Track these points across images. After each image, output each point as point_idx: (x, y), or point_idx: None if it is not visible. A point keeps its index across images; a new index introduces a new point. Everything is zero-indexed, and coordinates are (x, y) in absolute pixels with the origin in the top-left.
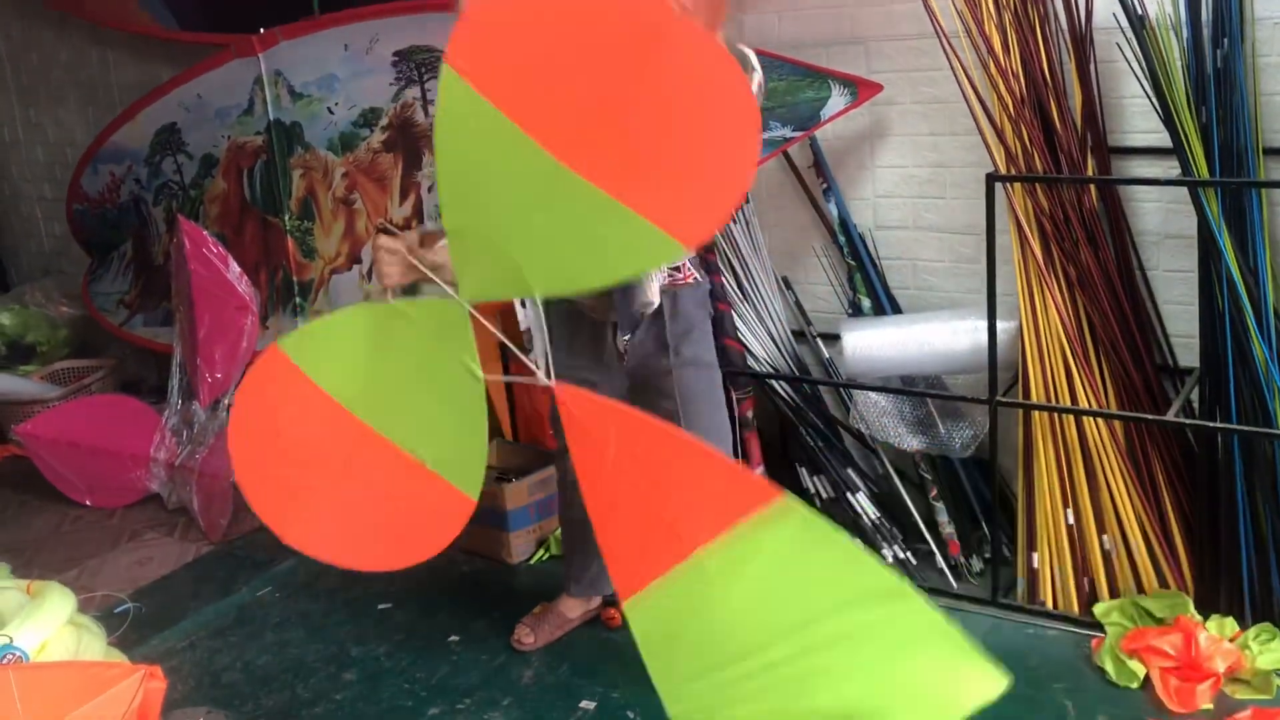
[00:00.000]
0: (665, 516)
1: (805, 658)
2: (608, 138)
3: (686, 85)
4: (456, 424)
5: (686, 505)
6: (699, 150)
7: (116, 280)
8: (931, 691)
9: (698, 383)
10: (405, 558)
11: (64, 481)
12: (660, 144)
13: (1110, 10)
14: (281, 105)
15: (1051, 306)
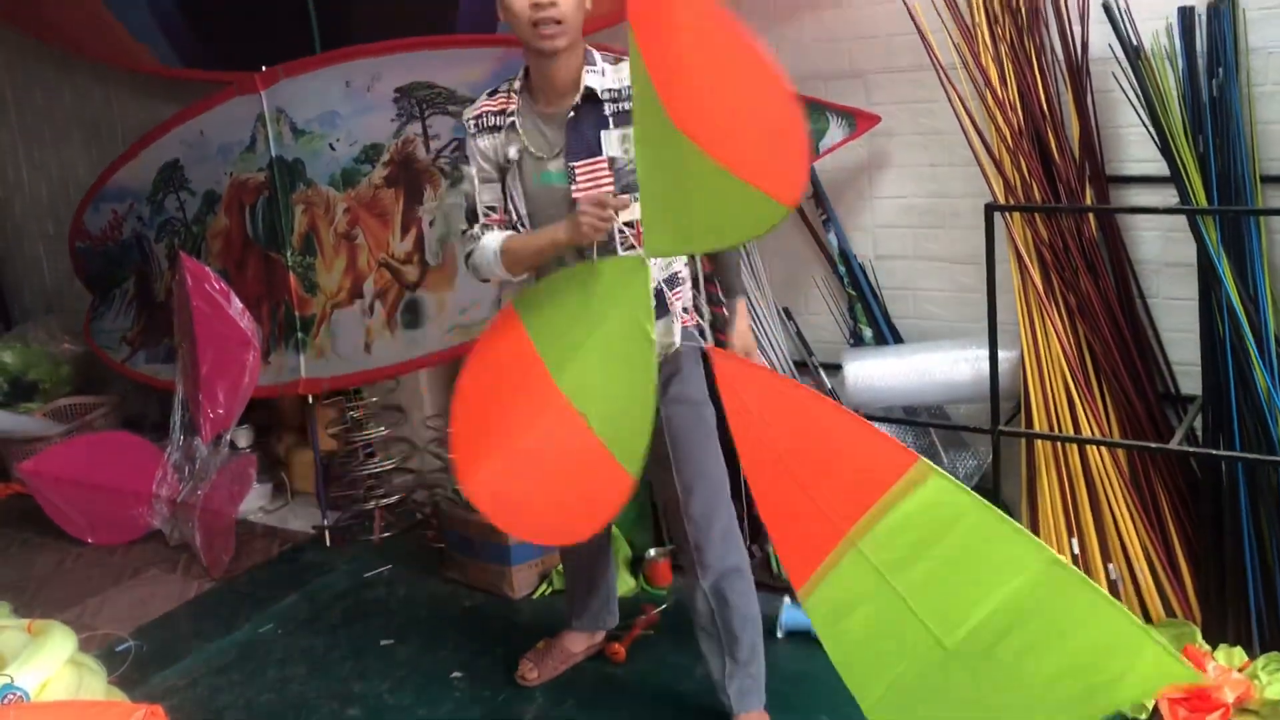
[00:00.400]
0: (815, 498)
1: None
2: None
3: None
4: (626, 392)
5: (831, 478)
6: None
7: (119, 317)
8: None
9: (685, 420)
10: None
11: (66, 519)
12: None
13: (1106, 41)
14: (283, 142)
15: (1053, 335)
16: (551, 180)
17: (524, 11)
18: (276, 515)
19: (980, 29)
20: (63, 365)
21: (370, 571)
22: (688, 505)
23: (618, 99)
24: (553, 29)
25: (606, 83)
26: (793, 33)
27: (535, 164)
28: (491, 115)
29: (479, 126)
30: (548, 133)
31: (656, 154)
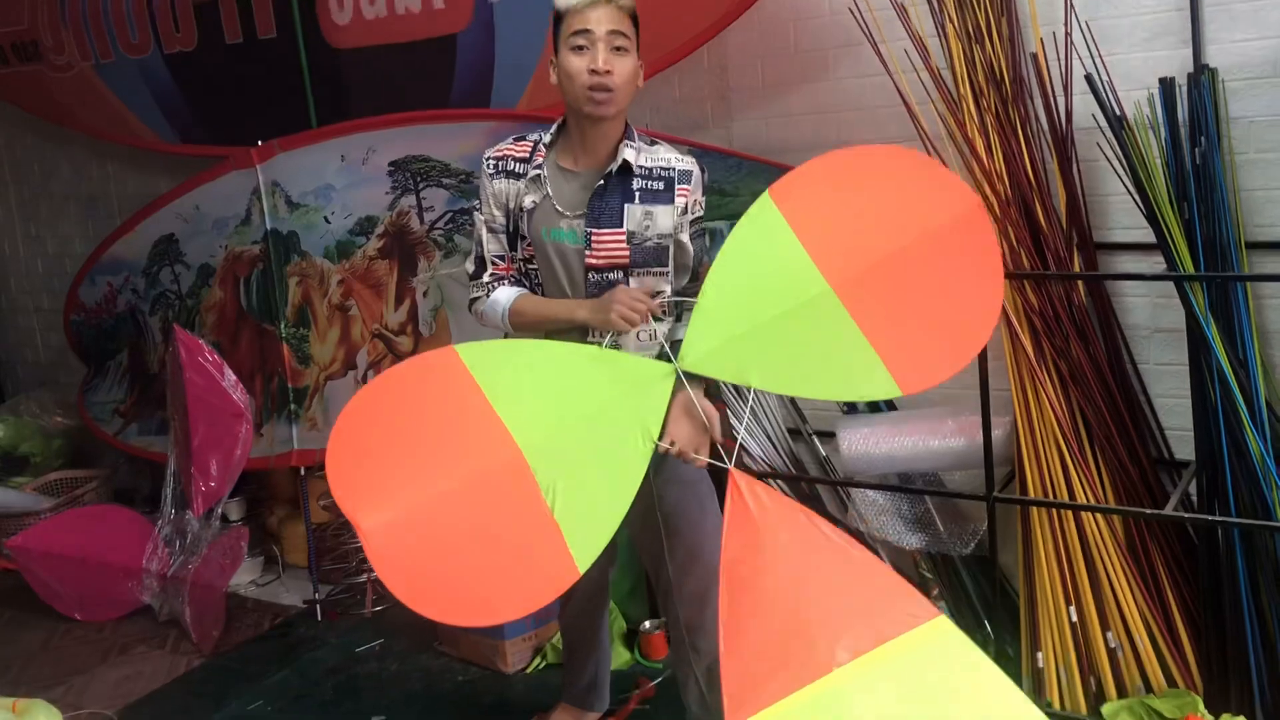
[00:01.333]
0: (807, 628)
1: None
2: (881, 288)
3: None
4: (604, 481)
5: (834, 614)
6: (946, 320)
7: (112, 390)
8: None
9: (681, 501)
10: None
11: (54, 596)
12: (918, 308)
13: (1090, 111)
14: (279, 215)
15: (1045, 401)
16: (561, 238)
17: (580, 75)
18: (267, 589)
19: (966, 100)
20: (54, 439)
21: (362, 646)
22: (681, 586)
23: (648, 177)
24: (604, 96)
25: (641, 160)
26: (781, 105)
27: (548, 218)
28: (514, 161)
29: (497, 169)
30: (567, 192)
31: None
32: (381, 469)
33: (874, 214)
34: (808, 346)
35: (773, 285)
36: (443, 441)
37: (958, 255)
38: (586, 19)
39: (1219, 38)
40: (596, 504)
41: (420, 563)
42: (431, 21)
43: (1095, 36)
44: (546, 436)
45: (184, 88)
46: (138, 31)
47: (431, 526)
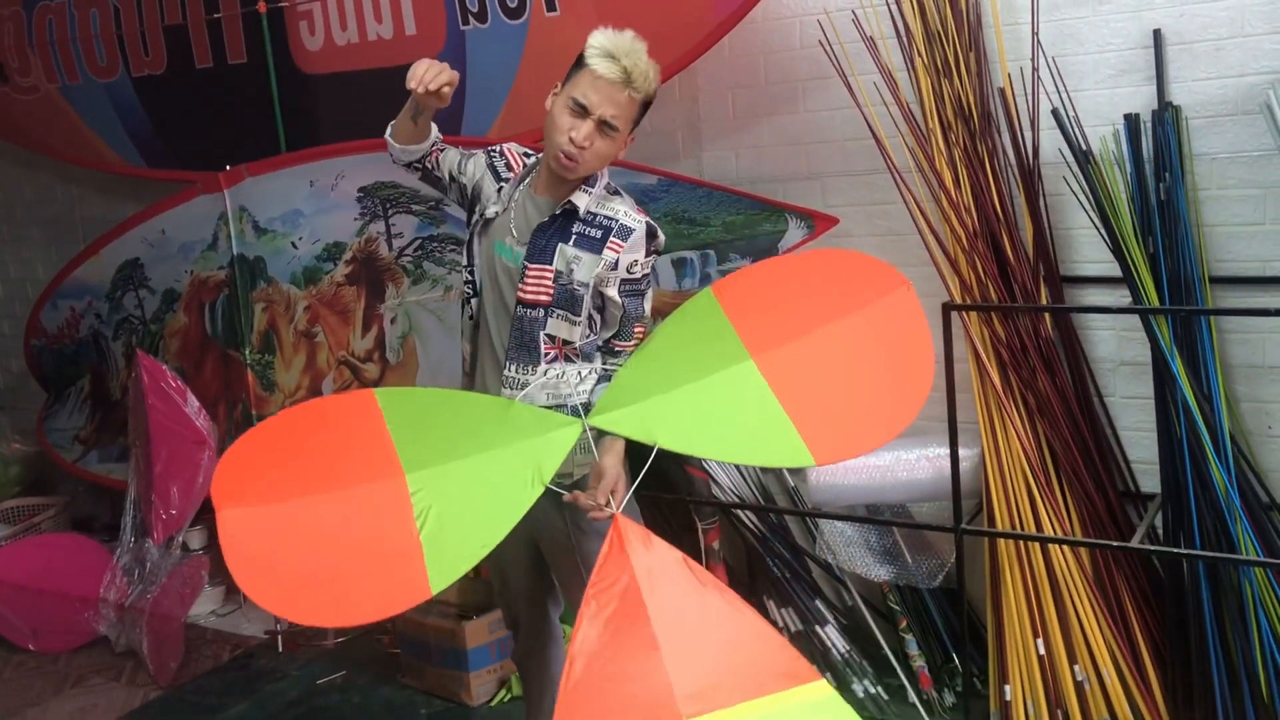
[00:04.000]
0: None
1: None
2: (803, 360)
3: (887, 346)
4: (480, 514)
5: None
6: (871, 395)
7: (73, 416)
8: None
9: None
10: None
11: (7, 625)
12: (842, 380)
13: (1056, 146)
14: (245, 240)
15: (1013, 433)
16: (502, 253)
17: (560, 134)
18: (228, 619)
19: (934, 134)
20: (12, 465)
21: (324, 678)
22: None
23: (589, 223)
24: (570, 165)
25: (591, 206)
26: (751, 136)
27: (499, 233)
28: (507, 168)
29: (490, 161)
30: (522, 217)
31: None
32: (264, 473)
33: (805, 300)
34: (721, 412)
35: (696, 356)
36: (332, 463)
37: (886, 334)
38: (597, 92)
39: (1182, 76)
40: (466, 533)
41: (272, 556)
42: (403, 48)
43: (1062, 73)
44: (433, 468)
45: (152, 112)
46: (106, 54)
47: (293, 526)
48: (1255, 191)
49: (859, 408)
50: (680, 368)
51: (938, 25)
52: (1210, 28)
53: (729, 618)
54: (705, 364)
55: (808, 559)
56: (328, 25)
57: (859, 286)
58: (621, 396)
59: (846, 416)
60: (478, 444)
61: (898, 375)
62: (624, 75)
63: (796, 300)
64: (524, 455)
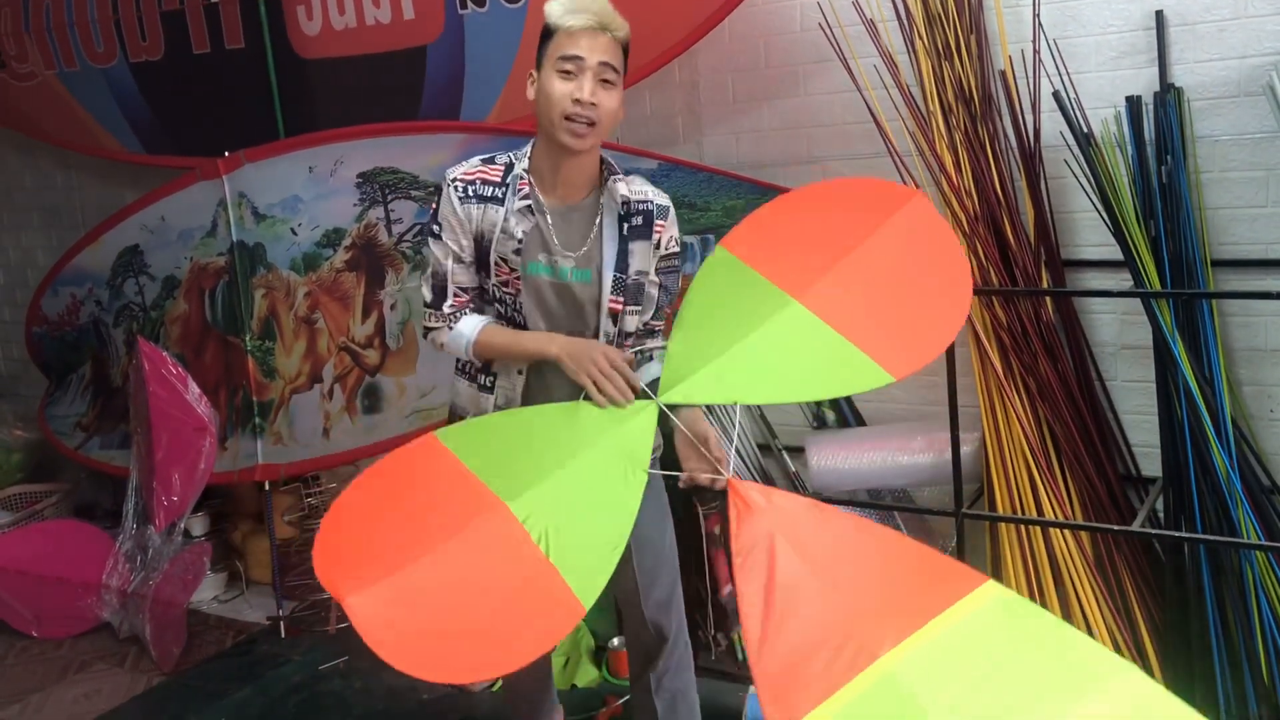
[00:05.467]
0: (844, 617)
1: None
2: (843, 288)
3: (917, 253)
4: (596, 515)
5: (870, 601)
6: (919, 303)
7: (74, 403)
8: None
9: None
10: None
11: (10, 612)
12: (887, 296)
13: (1058, 129)
14: (245, 226)
15: (1014, 418)
16: (538, 271)
17: (563, 101)
18: (230, 605)
19: (935, 117)
20: (14, 453)
21: (326, 663)
22: (649, 592)
23: (632, 211)
24: (585, 130)
25: (625, 192)
26: (752, 120)
27: (536, 252)
28: (486, 184)
29: (468, 193)
30: (564, 229)
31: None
32: (368, 548)
33: (822, 233)
34: (787, 357)
35: (740, 314)
36: (429, 517)
37: (912, 242)
38: (580, 44)
39: (1184, 58)
40: (591, 540)
41: (413, 626)
42: (401, 33)
43: (1063, 55)
44: (532, 490)
45: (150, 98)
46: (103, 40)
47: (421, 591)
48: (1258, 174)
49: (914, 316)
50: (728, 328)
51: (938, 8)
52: (1213, 9)
53: (878, 548)
54: (751, 318)
55: None
56: (325, 10)
57: (871, 207)
58: (682, 369)
59: (905, 327)
60: (563, 454)
61: (937, 276)
62: (598, 20)
63: (814, 234)
64: (613, 449)
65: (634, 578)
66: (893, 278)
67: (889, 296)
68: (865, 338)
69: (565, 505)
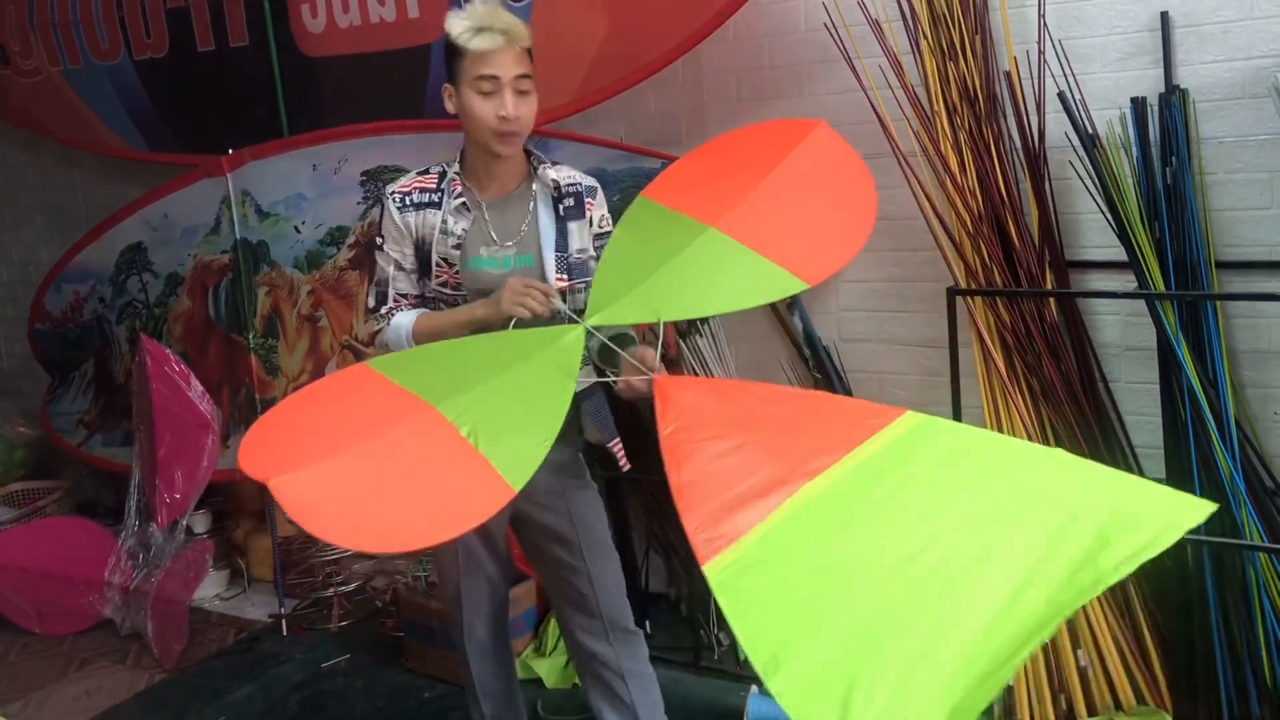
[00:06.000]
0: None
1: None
2: (757, 211)
3: (826, 174)
4: (525, 418)
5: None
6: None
7: (77, 400)
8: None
9: (587, 499)
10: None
11: (13, 608)
12: (799, 214)
13: (1062, 130)
14: (248, 224)
15: (1017, 418)
16: (482, 265)
17: (488, 119)
18: (232, 603)
19: (939, 118)
20: (16, 449)
21: (328, 661)
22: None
23: (563, 195)
24: (512, 139)
25: (556, 176)
26: (756, 120)
27: (477, 246)
28: (421, 192)
29: (405, 203)
30: (499, 220)
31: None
32: (297, 442)
33: (734, 170)
34: (706, 275)
35: (660, 245)
36: (358, 419)
37: (818, 165)
38: (493, 64)
39: (1190, 59)
40: (524, 434)
41: (338, 504)
42: (406, 31)
43: (1068, 56)
44: (463, 397)
45: (154, 95)
46: (107, 37)
47: (348, 475)
48: (1262, 175)
49: (823, 229)
50: (649, 258)
51: (943, 8)
52: (1218, 10)
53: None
54: (671, 246)
55: None
56: (330, 7)
57: (779, 141)
58: (606, 296)
59: (816, 239)
60: (493, 369)
61: (844, 192)
62: (505, 38)
63: (727, 172)
64: (542, 362)
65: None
66: (801, 197)
67: (798, 214)
68: (778, 251)
69: (494, 407)
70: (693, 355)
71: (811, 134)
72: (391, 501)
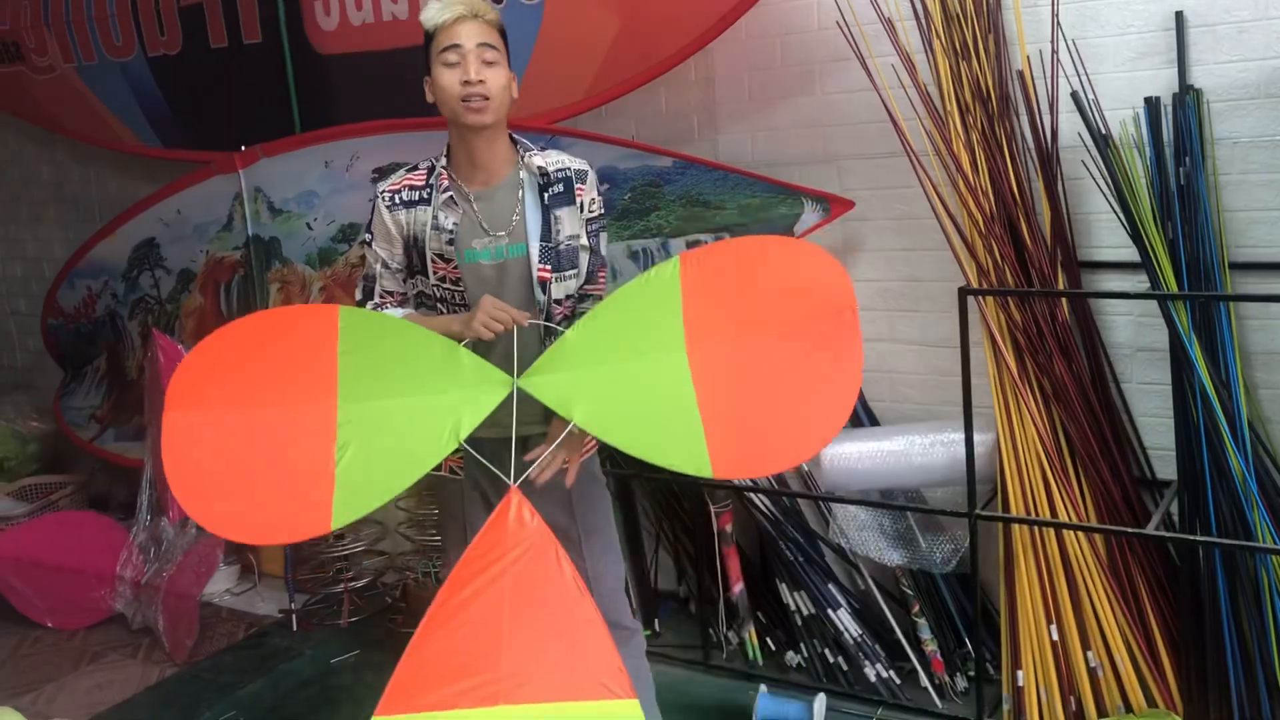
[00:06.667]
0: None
1: None
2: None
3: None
4: (395, 459)
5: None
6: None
7: (89, 394)
8: None
9: (594, 495)
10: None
11: (25, 602)
12: (760, 395)
13: (1075, 130)
14: (261, 221)
15: (1028, 419)
16: (476, 258)
17: (453, 87)
18: (243, 598)
19: (952, 116)
20: (30, 444)
21: (338, 657)
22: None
23: (551, 181)
24: (481, 104)
25: (542, 162)
26: (767, 118)
27: (469, 238)
28: (411, 190)
29: (394, 201)
30: (488, 210)
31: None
32: (216, 378)
33: (757, 298)
34: (640, 401)
35: (638, 333)
36: (278, 374)
37: (820, 359)
38: (456, 34)
39: (1204, 59)
40: (377, 475)
41: (204, 466)
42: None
43: (1081, 55)
44: (366, 404)
45: (167, 91)
46: (121, 34)
47: (228, 436)
48: (1277, 176)
49: (772, 428)
50: (619, 342)
51: (956, 7)
52: (1233, 10)
53: (577, 617)
54: (642, 344)
55: (821, 543)
56: (343, 5)
57: (811, 291)
58: (557, 360)
59: (757, 435)
60: (413, 385)
61: (817, 404)
62: (467, 8)
63: (750, 292)
64: (450, 407)
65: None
66: (779, 380)
67: (764, 396)
68: (716, 423)
69: (379, 432)
70: None
71: (839, 315)
72: (240, 488)
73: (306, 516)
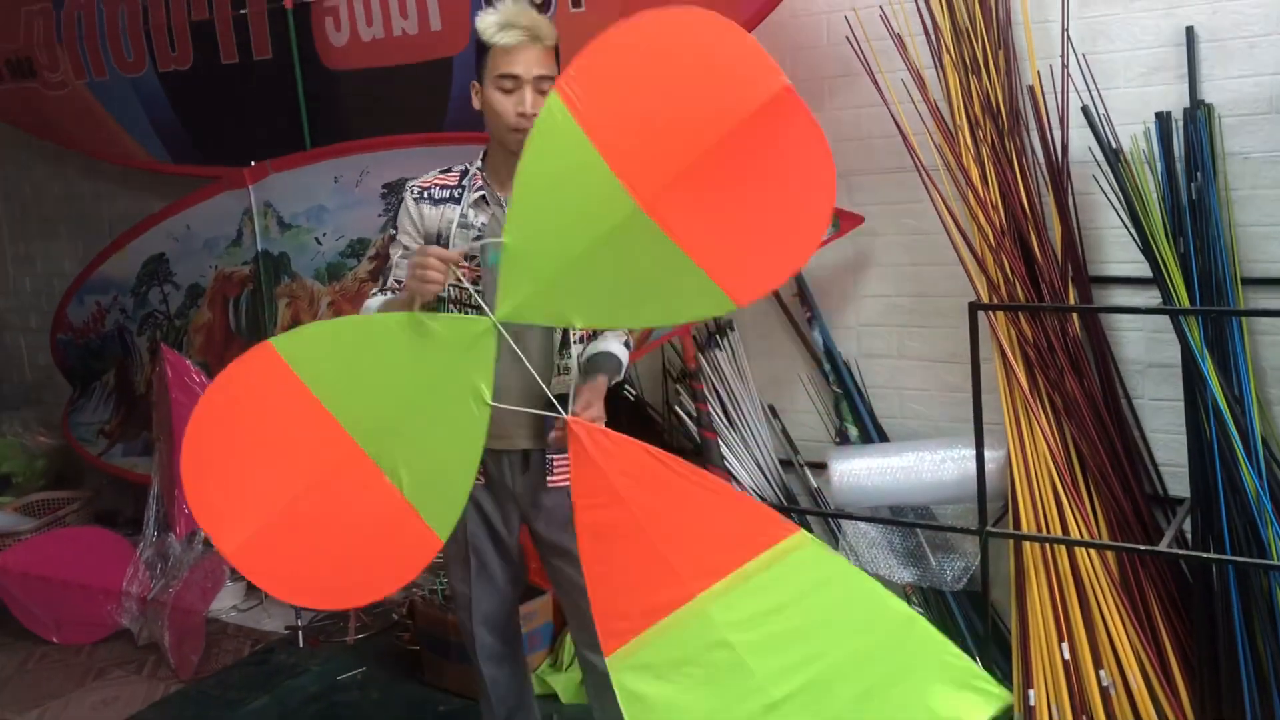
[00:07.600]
0: (667, 557)
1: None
2: (693, 196)
3: (779, 159)
4: (446, 452)
5: (692, 544)
6: (771, 222)
7: (98, 410)
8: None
9: (572, 578)
10: (348, 596)
11: (32, 618)
12: (739, 210)
13: (1086, 144)
14: (270, 236)
15: (1039, 435)
16: (497, 260)
17: (507, 115)
18: (249, 614)
19: (962, 131)
20: (38, 459)
21: (344, 674)
22: None
23: None
24: None
25: None
26: None
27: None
28: (441, 189)
29: (422, 195)
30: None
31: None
32: (231, 486)
33: (676, 108)
34: (628, 275)
35: (579, 212)
36: (281, 448)
37: (775, 146)
38: (514, 62)
39: (1214, 74)
40: (443, 476)
41: (290, 565)
42: (428, 44)
43: (1092, 70)
44: (377, 421)
45: (178, 107)
46: (133, 50)
47: (291, 532)
48: None
49: (764, 235)
50: (566, 232)
51: (966, 22)
52: (1244, 25)
53: (706, 493)
54: (591, 220)
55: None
56: (353, 21)
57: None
58: (520, 280)
59: (754, 248)
60: (403, 379)
61: (797, 190)
62: (529, 34)
63: (667, 108)
64: (456, 379)
65: None
66: (749, 185)
67: (739, 209)
68: (710, 258)
69: (412, 441)
70: (712, 370)
71: (776, 97)
72: (333, 561)
73: (415, 549)
